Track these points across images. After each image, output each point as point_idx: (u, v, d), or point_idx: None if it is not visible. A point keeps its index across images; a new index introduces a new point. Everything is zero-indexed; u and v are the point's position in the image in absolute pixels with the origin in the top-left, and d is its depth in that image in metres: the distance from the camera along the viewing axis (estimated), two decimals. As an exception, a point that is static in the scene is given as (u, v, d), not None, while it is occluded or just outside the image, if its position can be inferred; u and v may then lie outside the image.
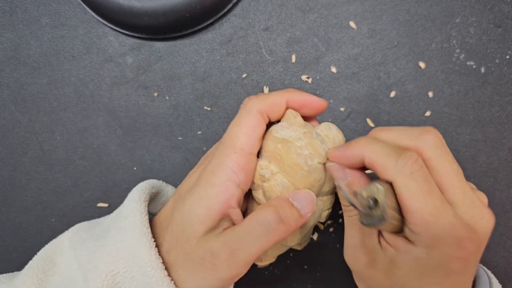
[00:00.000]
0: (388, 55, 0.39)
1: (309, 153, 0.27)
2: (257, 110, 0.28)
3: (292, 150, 0.27)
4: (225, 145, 0.27)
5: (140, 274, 0.26)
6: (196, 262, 0.26)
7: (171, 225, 0.28)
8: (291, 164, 0.27)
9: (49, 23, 0.40)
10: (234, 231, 0.26)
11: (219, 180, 0.27)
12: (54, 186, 0.40)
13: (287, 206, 0.27)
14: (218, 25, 0.39)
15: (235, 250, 0.26)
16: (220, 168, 0.27)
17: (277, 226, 0.26)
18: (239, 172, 0.27)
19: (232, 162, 0.27)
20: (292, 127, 0.29)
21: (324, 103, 0.30)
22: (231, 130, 0.28)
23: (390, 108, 0.39)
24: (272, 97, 0.28)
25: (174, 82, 0.40)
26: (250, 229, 0.26)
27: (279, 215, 0.26)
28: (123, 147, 0.40)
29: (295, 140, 0.28)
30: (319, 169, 0.28)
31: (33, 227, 0.40)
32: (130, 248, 0.27)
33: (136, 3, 0.36)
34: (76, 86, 0.40)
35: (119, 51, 0.40)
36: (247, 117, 0.28)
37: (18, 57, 0.40)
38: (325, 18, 0.39)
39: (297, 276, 0.39)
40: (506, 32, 0.38)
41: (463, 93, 0.38)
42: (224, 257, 0.26)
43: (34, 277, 0.29)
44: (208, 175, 0.27)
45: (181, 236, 0.27)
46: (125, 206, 0.29)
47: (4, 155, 0.40)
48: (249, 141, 0.27)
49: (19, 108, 0.40)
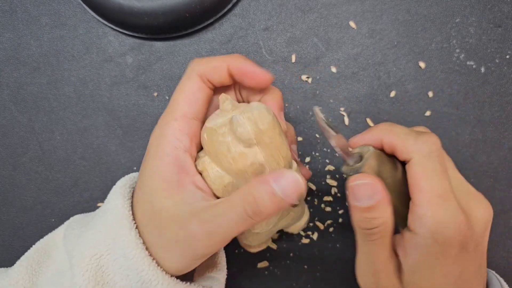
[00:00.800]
0: (388, 55, 0.39)
1: (232, 140, 0.26)
2: (197, 74, 0.27)
3: (214, 139, 0.26)
4: (167, 112, 0.27)
5: (121, 256, 0.26)
6: (171, 240, 0.26)
7: (139, 203, 0.27)
8: (216, 152, 0.26)
9: (49, 23, 0.40)
10: (211, 212, 0.25)
11: (166, 151, 0.26)
12: (54, 186, 0.40)
13: (266, 193, 0.24)
14: (218, 25, 0.39)
15: (212, 232, 0.25)
16: (163, 137, 0.26)
17: (254, 216, 0.25)
18: (184, 138, 0.26)
19: (174, 130, 0.26)
20: (222, 113, 0.27)
21: (267, 75, 0.27)
22: (172, 97, 0.27)
23: (390, 108, 0.39)
24: (213, 61, 0.27)
25: (174, 82, 0.39)
26: (226, 213, 0.25)
27: (256, 204, 0.24)
28: (123, 147, 0.40)
29: (219, 127, 0.26)
30: (246, 154, 0.26)
31: (33, 227, 0.40)
32: (112, 230, 0.27)
33: (136, 3, 0.36)
34: (76, 86, 0.40)
35: (119, 51, 0.40)
36: (187, 82, 0.27)
37: (18, 57, 0.40)
38: (325, 18, 0.39)
39: (297, 276, 0.39)
40: (506, 32, 0.38)
41: (463, 93, 0.38)
42: (200, 237, 0.25)
43: (29, 268, 0.29)
44: (154, 148, 0.27)
45: (152, 213, 0.26)
46: (111, 192, 0.29)
47: (4, 155, 0.40)
48: (190, 106, 0.27)
49: (19, 108, 0.40)
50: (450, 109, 0.39)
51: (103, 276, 0.26)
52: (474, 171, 0.39)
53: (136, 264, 0.26)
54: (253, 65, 0.27)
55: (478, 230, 0.26)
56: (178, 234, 0.25)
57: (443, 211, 0.25)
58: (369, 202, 0.25)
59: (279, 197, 0.24)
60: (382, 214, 0.25)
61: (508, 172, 0.38)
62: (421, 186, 0.25)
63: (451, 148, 0.39)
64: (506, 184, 0.38)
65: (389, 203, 0.26)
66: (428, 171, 0.25)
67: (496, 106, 0.38)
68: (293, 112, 0.39)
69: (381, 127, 0.28)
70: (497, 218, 0.39)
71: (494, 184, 0.39)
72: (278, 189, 0.24)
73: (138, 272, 0.26)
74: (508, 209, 0.39)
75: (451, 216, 0.25)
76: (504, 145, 0.38)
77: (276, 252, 0.39)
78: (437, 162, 0.25)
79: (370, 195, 0.25)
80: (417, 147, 0.25)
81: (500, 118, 0.38)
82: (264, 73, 0.27)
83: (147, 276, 0.26)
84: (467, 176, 0.39)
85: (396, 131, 0.27)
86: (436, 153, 0.25)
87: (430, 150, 0.25)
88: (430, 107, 0.39)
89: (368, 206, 0.25)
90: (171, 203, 0.26)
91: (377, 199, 0.25)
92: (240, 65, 0.27)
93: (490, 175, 0.39)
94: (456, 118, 0.39)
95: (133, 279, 0.26)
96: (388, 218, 0.26)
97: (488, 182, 0.39)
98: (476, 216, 0.26)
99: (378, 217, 0.25)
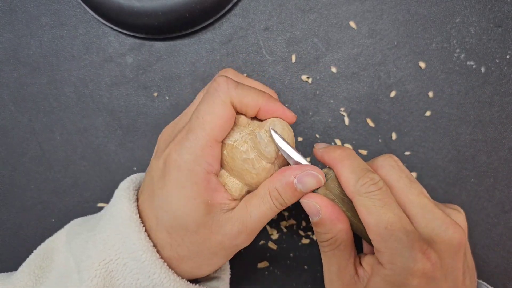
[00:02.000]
0: (388, 55, 0.39)
1: (255, 156, 0.28)
2: (230, 102, 0.28)
3: (237, 156, 0.28)
4: (198, 136, 0.27)
5: (132, 260, 0.26)
6: (215, 248, 0.28)
7: (161, 226, 0.28)
8: (239, 169, 0.28)
9: (49, 23, 0.40)
10: (247, 212, 0.28)
11: (201, 176, 0.27)
12: (54, 186, 0.40)
13: (289, 189, 0.28)
14: (218, 25, 0.39)
15: (253, 229, 0.28)
16: (198, 165, 0.27)
17: (280, 206, 0.29)
18: (215, 163, 0.28)
19: (208, 156, 0.27)
20: (238, 128, 0.29)
21: (294, 118, 0.30)
22: (203, 114, 0.27)
23: (390, 108, 0.39)
24: (247, 96, 0.28)
25: (174, 82, 0.39)
26: (260, 209, 0.28)
27: (281, 197, 0.28)
28: (123, 147, 0.40)
29: (240, 144, 0.28)
30: (268, 168, 0.28)
31: (33, 227, 0.40)
32: (120, 234, 0.27)
33: (136, 3, 0.36)
34: (76, 86, 0.40)
35: (119, 51, 0.40)
36: (220, 106, 0.27)
37: (18, 57, 0.40)
38: (325, 18, 0.39)
39: (297, 276, 0.39)
40: (506, 32, 0.38)
41: (463, 93, 0.38)
42: (244, 237, 0.28)
43: (32, 274, 0.29)
44: (186, 172, 0.27)
45: (187, 233, 0.27)
46: (115, 195, 0.30)
47: (4, 155, 0.40)
48: (221, 132, 0.27)
49: (19, 108, 0.40)
50: (450, 109, 0.39)
51: (111, 281, 0.27)
52: (474, 171, 0.39)
53: (148, 267, 0.26)
54: (283, 108, 0.29)
55: (447, 255, 0.26)
56: (222, 241, 0.28)
57: (395, 243, 0.25)
58: (315, 218, 0.28)
59: (300, 190, 0.28)
60: (329, 230, 0.28)
61: (508, 172, 0.38)
62: (368, 223, 0.26)
63: (451, 148, 0.39)
64: (506, 184, 0.38)
65: (341, 221, 0.28)
66: (368, 209, 0.26)
67: (496, 106, 0.38)
68: (293, 112, 0.39)
69: (336, 154, 0.29)
70: (497, 218, 0.39)
71: (494, 184, 0.39)
72: (300, 184, 0.28)
73: (149, 275, 0.26)
74: (508, 209, 0.39)
75: (405, 246, 0.25)
76: (504, 145, 0.38)
77: (276, 252, 0.39)
78: (377, 199, 0.26)
79: (315, 213, 0.28)
80: (356, 189, 0.27)
81: (501, 118, 0.38)
82: (293, 116, 0.30)
83: (159, 279, 0.26)
84: (467, 176, 0.39)
85: (345, 166, 0.28)
86: (376, 192, 0.26)
87: (368, 191, 0.26)
88: (430, 107, 0.38)
89: (316, 221, 0.28)
90: (211, 219, 0.27)
91: (321, 216, 0.28)
92: (271, 108, 0.29)
93: (490, 175, 0.39)
94: (456, 118, 0.39)
95: (144, 283, 0.26)
96: (338, 234, 0.28)
97: (488, 182, 0.39)
98: (444, 241, 0.26)
99: (326, 232, 0.28)
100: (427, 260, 0.25)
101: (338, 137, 0.39)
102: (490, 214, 0.39)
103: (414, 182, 0.29)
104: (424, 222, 0.27)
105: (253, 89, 0.29)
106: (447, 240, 0.26)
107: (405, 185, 0.28)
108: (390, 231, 0.25)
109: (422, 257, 0.25)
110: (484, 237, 0.39)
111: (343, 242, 0.28)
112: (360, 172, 0.27)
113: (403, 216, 0.26)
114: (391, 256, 0.25)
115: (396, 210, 0.26)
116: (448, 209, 0.29)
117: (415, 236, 0.25)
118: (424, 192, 0.29)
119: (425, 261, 0.25)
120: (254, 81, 0.33)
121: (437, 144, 0.39)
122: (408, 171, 0.30)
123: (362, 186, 0.27)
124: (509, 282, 0.39)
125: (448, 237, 0.26)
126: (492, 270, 0.39)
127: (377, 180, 0.27)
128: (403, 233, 0.25)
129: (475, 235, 0.39)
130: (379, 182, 0.27)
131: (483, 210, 0.39)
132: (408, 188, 0.28)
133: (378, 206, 0.26)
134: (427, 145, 0.39)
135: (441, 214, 0.27)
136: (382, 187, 0.27)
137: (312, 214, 0.28)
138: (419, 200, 0.28)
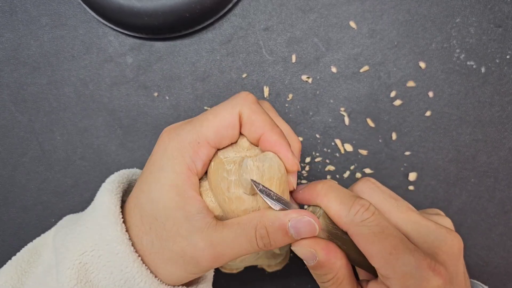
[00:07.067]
0: (388, 55, 0.39)
1: (235, 180, 0.26)
2: (239, 112, 0.27)
3: (220, 172, 0.26)
4: (192, 129, 0.27)
5: (107, 252, 0.26)
6: (175, 252, 0.26)
7: (137, 207, 0.27)
8: (216, 185, 0.26)
9: (49, 23, 0.40)
10: (221, 234, 0.26)
11: (181, 168, 0.26)
12: (54, 186, 0.40)
13: (280, 231, 0.26)
14: (218, 25, 0.39)
15: (219, 254, 0.25)
16: (181, 156, 0.26)
17: (263, 247, 0.26)
18: (198, 163, 0.27)
19: (193, 152, 0.26)
20: (237, 148, 0.27)
21: (294, 167, 0.27)
22: (206, 116, 0.27)
23: (390, 108, 0.39)
24: (257, 116, 0.27)
25: (174, 82, 0.39)
26: (238, 239, 0.26)
27: (268, 238, 0.26)
28: (123, 147, 0.40)
29: (228, 162, 0.26)
30: (243, 199, 0.26)
31: (33, 227, 0.40)
32: (98, 226, 0.27)
33: (136, 3, 0.36)
34: (76, 86, 0.40)
35: (119, 51, 0.40)
36: (226, 112, 0.27)
37: (18, 57, 0.40)
38: (325, 18, 0.39)
39: (297, 276, 0.39)
40: (506, 32, 0.38)
41: (464, 93, 0.38)
42: (208, 257, 0.25)
43: (18, 267, 0.29)
44: (168, 158, 0.26)
45: (155, 222, 0.26)
46: (100, 189, 0.29)
47: (4, 155, 0.40)
48: (216, 137, 0.27)
49: (19, 108, 0.40)
50: (451, 109, 0.39)
51: (86, 274, 0.26)
52: (474, 171, 0.39)
53: (121, 260, 0.25)
54: (286, 149, 0.27)
55: (450, 264, 0.26)
56: (184, 249, 0.26)
57: (403, 266, 0.25)
58: (311, 262, 0.27)
59: (291, 236, 0.26)
60: (329, 271, 0.27)
61: (508, 172, 0.38)
62: (370, 252, 0.26)
63: (452, 148, 0.39)
64: (506, 184, 0.38)
65: (339, 258, 0.27)
66: (368, 238, 0.25)
67: (497, 106, 0.38)
68: (293, 112, 0.39)
69: (317, 191, 0.27)
70: (497, 218, 0.39)
71: (494, 184, 0.39)
72: (293, 230, 0.26)
73: (122, 268, 0.26)
74: (508, 210, 0.39)
75: (414, 267, 0.25)
76: (505, 145, 0.38)
77: (276, 252, 0.39)
78: (374, 225, 0.26)
79: (311, 258, 0.27)
80: (350, 219, 0.26)
81: (501, 118, 0.38)
82: (293, 164, 0.27)
83: (131, 273, 0.26)
84: (467, 176, 0.39)
85: (331, 200, 0.27)
86: (371, 218, 0.26)
87: (362, 219, 0.26)
88: (430, 107, 0.38)
89: (314, 265, 0.27)
90: (182, 216, 0.26)
91: (318, 259, 0.26)
92: (272, 139, 0.27)
93: (491, 175, 0.39)
94: (457, 118, 0.39)
95: (116, 277, 0.26)
96: (338, 272, 0.27)
97: (489, 182, 0.39)
98: (445, 252, 0.26)
99: (326, 273, 0.27)
100: (438, 276, 0.25)
101: (338, 137, 0.39)
102: (490, 214, 0.39)
103: (399, 200, 0.28)
104: (421, 237, 0.26)
105: (268, 114, 0.27)
106: (448, 249, 0.26)
107: (392, 205, 0.28)
108: (396, 256, 0.25)
109: (433, 275, 0.25)
110: (484, 237, 0.39)
111: (345, 277, 0.27)
112: (348, 201, 0.26)
113: (402, 237, 0.26)
114: (403, 280, 0.25)
115: (395, 232, 0.26)
116: (433, 217, 0.29)
117: (420, 255, 0.25)
118: (411, 207, 0.28)
119: (437, 278, 0.25)
120: (284, 122, 0.30)
121: (437, 144, 0.39)
122: (389, 190, 0.29)
123: (356, 215, 0.26)
124: (509, 282, 0.39)
125: (448, 246, 0.26)
126: (492, 270, 0.39)
127: (368, 205, 0.26)
128: (409, 254, 0.25)
129: (475, 235, 0.39)
130: (370, 207, 0.26)
131: (483, 210, 0.39)
132: (396, 208, 0.28)
133: (377, 232, 0.25)
134: (427, 145, 0.39)
135: (434, 225, 0.27)
136: (375, 212, 0.26)
137: (308, 259, 0.27)
138: (409, 217, 0.27)
